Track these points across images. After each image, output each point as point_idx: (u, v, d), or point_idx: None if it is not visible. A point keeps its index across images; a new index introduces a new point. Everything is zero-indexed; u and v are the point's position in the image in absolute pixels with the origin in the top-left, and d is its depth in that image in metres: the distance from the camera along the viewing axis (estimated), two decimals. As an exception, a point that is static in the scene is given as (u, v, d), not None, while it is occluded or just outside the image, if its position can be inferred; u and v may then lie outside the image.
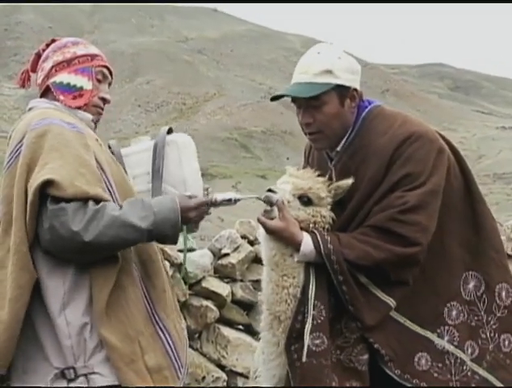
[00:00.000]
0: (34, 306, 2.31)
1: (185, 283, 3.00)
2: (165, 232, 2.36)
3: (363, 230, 2.68)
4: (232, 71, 76.78)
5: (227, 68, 77.61)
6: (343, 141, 2.81)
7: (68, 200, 2.24)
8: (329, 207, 2.77)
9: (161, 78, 68.80)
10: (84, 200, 2.26)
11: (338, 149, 2.83)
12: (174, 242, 2.42)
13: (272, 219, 2.70)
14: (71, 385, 2.29)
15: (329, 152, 2.89)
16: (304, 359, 2.63)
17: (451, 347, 2.75)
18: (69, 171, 2.27)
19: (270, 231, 2.72)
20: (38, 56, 2.70)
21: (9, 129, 2.59)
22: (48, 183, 2.23)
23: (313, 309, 2.65)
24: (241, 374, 5.51)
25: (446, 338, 2.75)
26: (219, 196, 2.56)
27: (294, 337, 2.68)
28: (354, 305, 2.65)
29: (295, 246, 2.70)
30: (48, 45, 2.70)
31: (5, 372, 2.32)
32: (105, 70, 2.68)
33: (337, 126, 2.77)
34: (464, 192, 2.83)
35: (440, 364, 2.74)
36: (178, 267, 5.21)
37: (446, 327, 2.76)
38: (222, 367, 5.52)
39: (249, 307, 5.71)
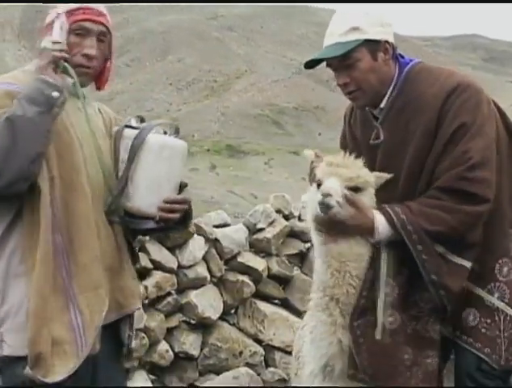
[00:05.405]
0: None
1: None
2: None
3: (432, 193, 2.64)
4: (263, 47, 76.43)
5: (257, 44, 77.27)
6: (386, 97, 2.79)
7: None
8: (375, 186, 2.71)
9: (191, 56, 68.76)
10: None
11: (382, 105, 2.80)
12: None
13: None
14: None
15: (372, 110, 2.85)
16: (378, 336, 2.61)
17: (501, 304, 2.71)
18: None
19: (344, 223, 2.59)
20: None
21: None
22: None
23: (386, 287, 2.61)
24: (278, 348, 5.51)
25: (496, 294, 2.72)
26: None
27: (358, 313, 2.64)
28: (437, 273, 2.60)
29: (369, 227, 2.61)
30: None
31: None
32: (87, 24, 2.49)
33: (374, 80, 2.74)
34: (510, 148, 2.80)
35: (489, 320, 2.71)
36: (213, 242, 5.22)
37: (497, 284, 2.73)
38: (259, 341, 5.53)
39: (285, 282, 5.70)
